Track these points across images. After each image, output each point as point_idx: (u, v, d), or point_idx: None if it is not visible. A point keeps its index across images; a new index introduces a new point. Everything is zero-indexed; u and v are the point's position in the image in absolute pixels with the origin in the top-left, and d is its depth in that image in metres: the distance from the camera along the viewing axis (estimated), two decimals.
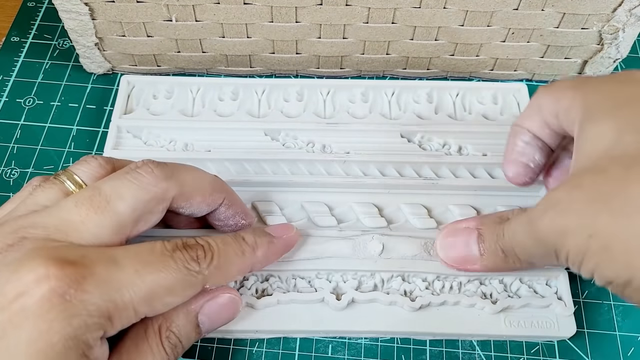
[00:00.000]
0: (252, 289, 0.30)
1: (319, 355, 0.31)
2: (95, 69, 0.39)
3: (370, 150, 0.34)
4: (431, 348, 0.31)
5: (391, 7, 0.34)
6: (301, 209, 0.33)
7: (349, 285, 0.30)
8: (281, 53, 0.38)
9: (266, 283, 0.31)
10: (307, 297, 0.30)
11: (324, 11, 0.34)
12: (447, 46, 0.37)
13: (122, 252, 0.23)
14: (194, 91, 0.37)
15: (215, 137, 0.35)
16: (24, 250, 0.22)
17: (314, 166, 0.34)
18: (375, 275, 0.31)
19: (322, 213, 0.33)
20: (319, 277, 0.31)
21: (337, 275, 0.31)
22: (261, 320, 0.30)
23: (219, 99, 0.37)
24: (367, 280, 0.31)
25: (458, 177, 0.34)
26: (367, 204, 0.33)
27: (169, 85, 0.37)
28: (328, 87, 0.37)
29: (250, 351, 0.30)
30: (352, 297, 0.30)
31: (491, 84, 0.38)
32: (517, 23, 0.35)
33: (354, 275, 0.31)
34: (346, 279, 0.31)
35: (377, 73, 0.40)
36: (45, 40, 0.41)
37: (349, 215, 0.33)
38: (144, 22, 0.35)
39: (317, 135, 0.35)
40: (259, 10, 0.34)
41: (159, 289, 0.23)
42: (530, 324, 0.30)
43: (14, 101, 0.38)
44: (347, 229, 0.32)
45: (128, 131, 0.35)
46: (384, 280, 0.31)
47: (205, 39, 0.37)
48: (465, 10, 0.34)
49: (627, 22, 0.34)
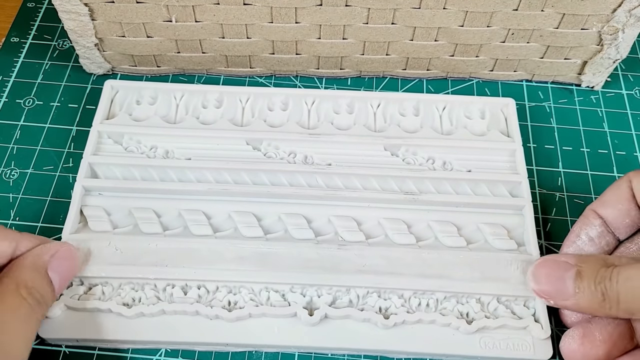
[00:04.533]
0: (223, 300, 0.30)
1: (319, 355, 0.31)
2: (95, 69, 0.39)
3: (352, 163, 0.34)
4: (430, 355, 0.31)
5: (391, 8, 0.34)
6: (279, 220, 0.33)
7: (323, 301, 0.30)
8: (281, 54, 0.38)
9: (238, 295, 0.30)
10: (279, 311, 0.29)
11: (324, 12, 0.34)
12: (446, 47, 0.37)
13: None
14: (178, 97, 0.36)
15: (196, 145, 0.34)
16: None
17: (294, 177, 0.34)
18: (350, 291, 0.30)
19: (299, 225, 0.32)
20: (293, 290, 0.30)
21: (312, 289, 0.30)
22: (231, 333, 0.29)
23: (202, 106, 0.36)
24: (342, 295, 0.30)
25: (441, 192, 0.33)
26: (346, 218, 0.32)
27: (153, 91, 0.36)
28: (313, 97, 0.36)
29: (250, 351, 0.30)
30: (325, 313, 0.29)
31: (479, 98, 0.37)
32: (517, 24, 0.35)
33: (329, 290, 0.30)
34: (320, 294, 0.30)
35: (377, 74, 0.40)
36: (45, 41, 0.41)
37: (327, 228, 0.32)
38: (143, 22, 0.35)
39: (299, 145, 0.35)
40: (259, 11, 0.34)
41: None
42: (505, 345, 0.29)
43: (14, 101, 0.38)
44: (323, 242, 0.32)
45: (109, 137, 0.35)
46: (359, 297, 0.30)
47: (205, 40, 0.37)
48: (465, 11, 0.34)
49: (626, 23, 0.34)
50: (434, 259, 0.31)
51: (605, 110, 0.39)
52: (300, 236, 0.32)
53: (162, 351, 0.30)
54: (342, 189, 0.33)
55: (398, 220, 0.33)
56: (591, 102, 0.40)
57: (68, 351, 0.30)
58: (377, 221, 0.33)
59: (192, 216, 0.32)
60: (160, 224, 0.32)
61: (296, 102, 0.36)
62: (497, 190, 0.34)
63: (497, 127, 0.36)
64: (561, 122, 0.39)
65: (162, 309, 0.29)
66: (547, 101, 0.40)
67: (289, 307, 0.30)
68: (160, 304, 0.29)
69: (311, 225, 0.32)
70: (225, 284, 0.30)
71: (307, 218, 0.33)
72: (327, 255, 0.31)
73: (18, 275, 0.27)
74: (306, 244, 0.31)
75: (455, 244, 0.32)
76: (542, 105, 0.39)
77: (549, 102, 0.39)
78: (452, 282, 0.30)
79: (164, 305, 0.29)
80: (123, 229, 0.32)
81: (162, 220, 0.32)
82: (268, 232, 0.32)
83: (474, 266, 0.31)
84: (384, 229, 0.32)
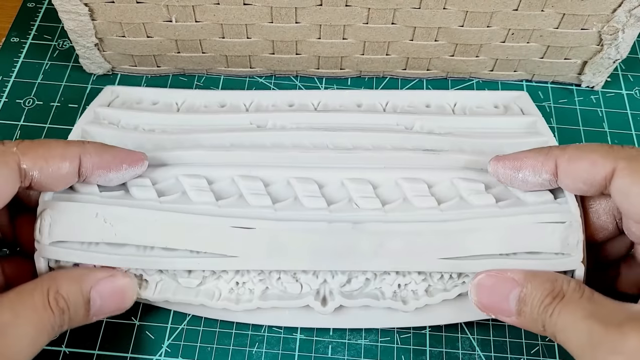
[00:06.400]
0: (230, 282, 0.29)
1: (319, 355, 0.31)
2: (95, 69, 0.39)
3: (364, 127, 0.32)
4: (431, 349, 0.31)
5: (391, 8, 0.34)
6: (288, 185, 0.30)
7: (337, 282, 0.28)
8: (281, 54, 0.38)
9: (247, 276, 0.29)
10: (289, 303, 0.29)
11: (324, 12, 0.34)
12: (447, 47, 0.37)
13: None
14: (179, 103, 0.35)
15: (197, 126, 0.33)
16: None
17: (301, 141, 0.32)
18: (367, 272, 0.29)
19: (311, 193, 0.29)
20: (305, 271, 0.29)
21: (326, 272, 0.29)
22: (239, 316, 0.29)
23: (204, 106, 0.35)
24: (359, 274, 0.28)
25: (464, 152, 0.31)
26: (361, 180, 0.30)
27: (154, 96, 0.36)
28: (319, 98, 0.35)
29: (250, 352, 0.30)
30: (339, 304, 0.28)
31: (490, 92, 0.36)
32: (517, 24, 0.35)
33: (343, 272, 0.28)
34: (335, 274, 0.29)
35: (377, 74, 0.40)
36: (45, 41, 0.41)
37: (340, 194, 0.30)
38: (143, 22, 0.35)
39: (306, 119, 0.33)
40: (259, 11, 0.34)
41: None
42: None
43: (14, 101, 0.38)
44: (336, 211, 0.29)
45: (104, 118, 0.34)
46: (376, 275, 0.29)
47: (205, 40, 0.37)
48: (465, 11, 0.34)
49: (626, 23, 0.34)
50: (455, 229, 0.28)
51: (605, 110, 0.39)
52: (311, 205, 0.29)
53: (162, 351, 0.30)
54: (354, 149, 0.31)
55: (418, 180, 0.30)
56: (591, 102, 0.40)
57: (68, 351, 0.30)
58: (394, 182, 0.30)
59: (192, 180, 0.30)
60: (155, 190, 0.29)
61: (302, 103, 0.35)
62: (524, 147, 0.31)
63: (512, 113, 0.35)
64: (561, 122, 0.39)
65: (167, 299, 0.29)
66: (547, 101, 0.40)
67: (300, 300, 0.28)
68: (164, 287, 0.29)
69: (323, 191, 0.30)
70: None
71: (319, 183, 0.30)
72: (341, 238, 0.28)
73: (55, 278, 0.26)
74: (318, 225, 0.28)
75: (483, 202, 0.29)
76: (542, 105, 0.39)
77: (549, 102, 0.39)
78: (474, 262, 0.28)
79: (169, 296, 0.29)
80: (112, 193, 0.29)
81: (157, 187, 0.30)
82: (277, 200, 0.29)
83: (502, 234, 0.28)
84: (403, 190, 0.30)
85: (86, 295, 0.26)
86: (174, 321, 0.31)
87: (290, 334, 0.31)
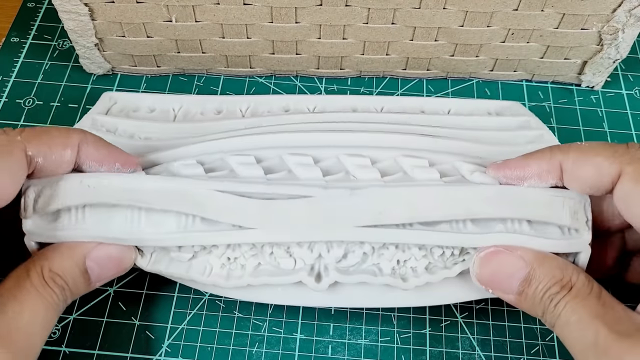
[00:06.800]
0: (222, 258, 0.28)
1: (319, 355, 0.31)
2: (95, 69, 0.39)
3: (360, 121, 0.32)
4: (431, 349, 0.31)
5: (391, 8, 0.34)
6: (281, 160, 0.29)
7: (333, 256, 0.27)
8: (281, 53, 0.38)
9: (238, 250, 0.28)
10: (281, 280, 0.27)
11: (324, 12, 0.34)
12: (446, 47, 0.37)
13: None
14: (176, 108, 0.35)
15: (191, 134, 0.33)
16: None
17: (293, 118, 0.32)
18: (364, 244, 0.27)
19: (305, 164, 0.29)
20: (300, 244, 0.27)
21: (321, 244, 0.27)
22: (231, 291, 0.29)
23: (201, 114, 0.35)
24: (355, 248, 0.27)
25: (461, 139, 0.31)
26: (358, 155, 0.29)
27: (151, 102, 0.36)
28: (315, 103, 0.35)
29: (250, 351, 0.30)
30: (334, 280, 0.27)
31: (484, 101, 0.36)
32: (517, 23, 0.35)
33: (339, 244, 0.27)
34: (330, 247, 0.27)
35: (377, 74, 0.40)
36: (45, 41, 0.41)
37: (336, 168, 0.29)
38: (143, 22, 0.35)
39: (301, 118, 0.33)
40: (259, 11, 0.34)
41: None
42: None
43: (14, 101, 0.38)
44: (333, 188, 0.28)
45: (102, 125, 0.34)
46: (374, 249, 0.27)
47: (205, 40, 0.37)
48: (465, 11, 0.34)
49: (626, 23, 0.34)
50: (461, 195, 0.27)
51: (605, 110, 0.39)
52: (306, 175, 0.28)
53: (162, 351, 0.30)
54: (352, 122, 0.31)
55: (419, 157, 0.29)
56: (591, 102, 0.40)
57: (68, 351, 0.30)
58: (393, 159, 0.29)
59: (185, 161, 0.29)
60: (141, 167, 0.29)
61: (297, 107, 0.35)
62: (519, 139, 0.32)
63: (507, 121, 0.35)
64: (561, 122, 0.39)
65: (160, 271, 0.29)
66: (547, 101, 0.40)
67: (292, 276, 0.27)
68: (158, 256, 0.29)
69: (318, 165, 0.29)
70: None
71: (314, 157, 0.29)
72: (338, 204, 0.27)
73: (47, 256, 0.26)
74: (313, 190, 0.27)
75: (486, 180, 0.28)
76: (542, 105, 0.39)
77: (549, 102, 0.39)
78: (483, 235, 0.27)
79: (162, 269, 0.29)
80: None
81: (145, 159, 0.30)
82: (270, 171, 0.29)
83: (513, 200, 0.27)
84: (401, 165, 0.29)
85: (81, 266, 0.26)
86: (174, 321, 0.31)
87: (290, 333, 0.31)
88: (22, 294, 0.24)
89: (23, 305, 0.24)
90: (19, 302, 0.24)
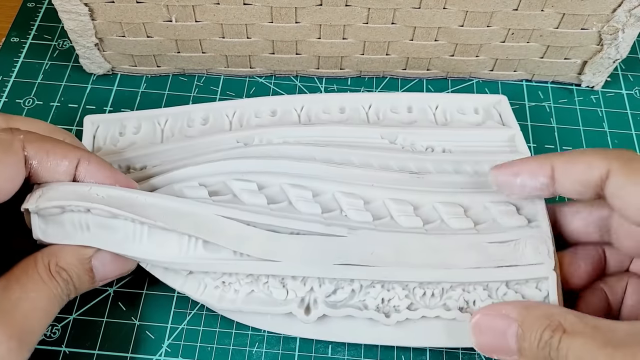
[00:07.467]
0: (217, 280, 0.29)
1: (319, 355, 0.31)
2: (95, 69, 0.39)
3: (350, 143, 0.33)
4: (431, 349, 0.31)
5: (391, 8, 0.34)
6: (281, 191, 0.31)
7: (323, 292, 0.29)
8: (281, 53, 0.38)
9: (234, 277, 0.29)
10: (272, 309, 0.29)
11: (324, 12, 0.34)
12: (447, 47, 0.37)
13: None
14: (162, 123, 0.35)
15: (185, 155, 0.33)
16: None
17: (286, 152, 0.32)
18: (354, 281, 0.29)
19: (305, 198, 0.30)
20: (294, 277, 0.29)
21: (314, 279, 0.29)
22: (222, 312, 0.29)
23: (187, 125, 0.35)
24: (345, 285, 0.29)
25: (444, 172, 0.32)
26: (353, 195, 0.31)
27: (136, 121, 0.35)
28: (302, 102, 0.35)
29: (250, 351, 0.30)
30: (322, 313, 0.28)
31: (470, 95, 0.37)
32: (517, 23, 0.35)
33: (331, 280, 0.29)
34: (322, 283, 0.29)
35: (377, 74, 0.40)
36: (45, 41, 0.41)
37: (332, 205, 0.31)
38: (143, 22, 0.35)
39: (291, 134, 0.33)
40: (259, 11, 0.34)
41: None
42: None
43: (14, 101, 0.38)
44: (330, 219, 0.30)
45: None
46: (362, 287, 0.29)
47: (205, 40, 0.37)
48: (465, 11, 0.34)
49: (626, 23, 0.34)
50: (440, 245, 0.29)
51: (605, 110, 0.39)
52: (306, 210, 0.30)
53: (162, 351, 0.30)
54: (343, 164, 0.32)
55: (404, 202, 0.31)
56: (591, 102, 0.40)
57: (68, 351, 0.30)
58: (382, 201, 0.31)
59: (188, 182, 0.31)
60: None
61: (285, 109, 0.35)
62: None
63: (493, 120, 0.35)
64: (561, 122, 0.39)
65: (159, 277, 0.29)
66: (547, 101, 0.40)
67: (283, 307, 0.28)
68: None
69: (316, 199, 0.31)
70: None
71: (313, 191, 0.31)
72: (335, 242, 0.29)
73: (55, 252, 0.27)
74: (314, 226, 0.29)
75: (462, 226, 0.30)
76: (542, 105, 0.39)
77: (549, 102, 0.39)
78: (458, 272, 0.29)
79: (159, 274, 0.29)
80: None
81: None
82: (272, 200, 0.30)
83: (481, 250, 0.29)
84: (389, 210, 0.31)
85: (86, 265, 0.27)
86: (174, 321, 0.31)
87: None
88: (28, 281, 0.25)
89: (27, 291, 0.25)
90: (23, 287, 0.25)
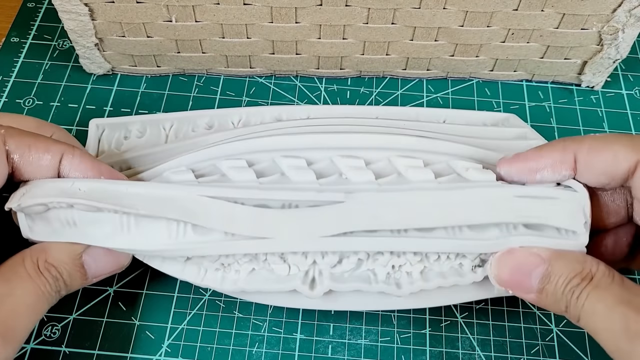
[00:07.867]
0: (216, 263, 0.28)
1: (319, 355, 0.31)
2: (95, 69, 0.39)
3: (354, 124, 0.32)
4: (431, 349, 0.31)
5: (391, 8, 0.34)
6: (273, 164, 0.29)
7: (327, 263, 0.27)
8: (281, 53, 0.38)
9: (232, 257, 0.28)
10: (275, 287, 0.27)
11: (324, 12, 0.34)
12: (447, 47, 0.37)
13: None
14: (167, 127, 0.34)
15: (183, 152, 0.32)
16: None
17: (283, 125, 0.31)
18: (359, 252, 0.27)
19: (298, 166, 0.28)
20: (294, 252, 0.27)
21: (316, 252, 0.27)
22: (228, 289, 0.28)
23: (192, 130, 0.34)
24: (350, 254, 0.27)
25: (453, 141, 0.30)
26: (352, 156, 0.29)
27: (141, 125, 0.34)
28: (307, 112, 0.35)
29: (250, 351, 0.30)
30: (328, 288, 0.27)
31: (479, 113, 0.36)
32: (517, 24, 0.35)
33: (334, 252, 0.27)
34: (325, 254, 0.27)
35: (377, 74, 0.40)
36: (45, 41, 0.41)
37: (330, 170, 0.29)
38: (143, 22, 0.35)
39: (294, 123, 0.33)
40: (259, 11, 0.34)
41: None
42: None
43: (14, 102, 0.38)
44: (327, 184, 0.28)
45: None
46: (369, 255, 0.27)
47: (205, 40, 0.37)
48: (465, 11, 0.34)
49: (626, 23, 0.34)
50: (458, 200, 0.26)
51: (605, 110, 0.39)
52: (299, 178, 0.28)
53: (162, 351, 0.30)
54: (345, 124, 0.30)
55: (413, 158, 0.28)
56: (591, 102, 0.40)
57: (68, 351, 0.30)
58: (387, 160, 0.29)
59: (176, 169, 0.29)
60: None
61: (290, 117, 0.35)
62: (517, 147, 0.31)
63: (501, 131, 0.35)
64: (561, 122, 0.39)
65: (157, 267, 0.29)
66: (547, 101, 0.40)
67: (286, 284, 0.27)
68: None
69: (312, 167, 0.29)
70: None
71: (307, 160, 0.29)
72: (331, 209, 0.26)
73: (44, 248, 0.26)
74: (307, 194, 0.27)
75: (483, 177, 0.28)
76: (542, 105, 0.39)
77: (549, 102, 0.39)
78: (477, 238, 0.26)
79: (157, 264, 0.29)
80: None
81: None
82: (262, 175, 0.28)
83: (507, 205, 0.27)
84: (395, 166, 0.28)
85: (77, 262, 0.27)
86: (174, 321, 0.31)
87: (290, 333, 0.31)
88: (14, 278, 0.25)
89: (13, 288, 0.24)
90: (9, 284, 0.25)
